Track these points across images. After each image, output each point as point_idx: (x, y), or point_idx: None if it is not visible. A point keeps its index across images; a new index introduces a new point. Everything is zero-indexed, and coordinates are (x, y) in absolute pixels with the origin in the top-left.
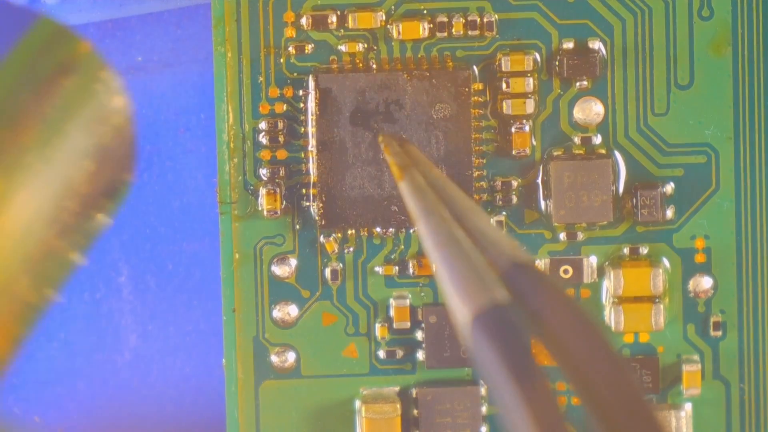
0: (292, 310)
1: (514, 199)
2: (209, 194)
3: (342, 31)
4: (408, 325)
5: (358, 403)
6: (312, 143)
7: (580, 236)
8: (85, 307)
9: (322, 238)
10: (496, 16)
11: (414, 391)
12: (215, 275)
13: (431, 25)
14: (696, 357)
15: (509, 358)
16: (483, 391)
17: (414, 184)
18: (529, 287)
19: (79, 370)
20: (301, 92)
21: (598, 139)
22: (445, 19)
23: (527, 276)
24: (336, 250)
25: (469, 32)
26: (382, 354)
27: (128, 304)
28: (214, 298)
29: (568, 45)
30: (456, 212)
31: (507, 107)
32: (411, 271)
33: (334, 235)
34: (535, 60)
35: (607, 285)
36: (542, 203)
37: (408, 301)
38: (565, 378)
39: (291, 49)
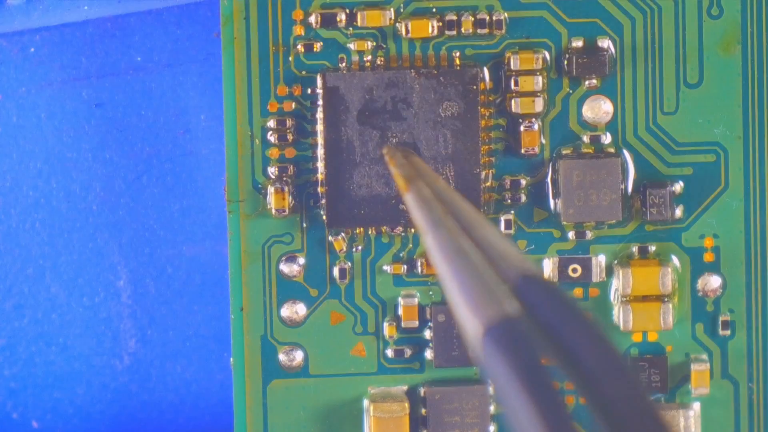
0: (300, 309)
1: (523, 198)
2: (209, 197)
3: (351, 29)
4: (416, 324)
5: (366, 402)
6: (320, 142)
7: (589, 235)
8: (84, 311)
9: (330, 237)
10: (506, 14)
11: (422, 390)
12: (216, 278)
13: (440, 24)
14: (704, 356)
15: (521, 370)
16: (491, 390)
17: (420, 196)
18: (539, 299)
19: (78, 375)
20: (309, 91)
21: (607, 138)
22: (454, 18)
23: (537, 288)
24: (344, 249)
25: (478, 31)
26: (390, 353)
27: (127, 309)
28: (215, 301)
29: (578, 43)
30: (463, 224)
31: (516, 106)
32: (419, 269)
33: (342, 233)
34: (544, 58)
35: (616, 284)
36: (551, 202)
37: (416, 300)
38: (577, 389)
39: (300, 47)
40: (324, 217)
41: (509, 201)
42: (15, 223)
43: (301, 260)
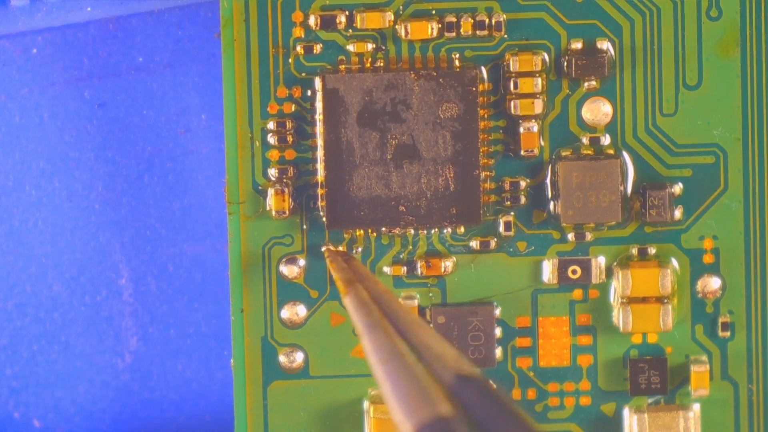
0: (301, 311)
1: (523, 200)
2: (210, 196)
3: (350, 31)
4: None
5: (366, 404)
6: (319, 144)
7: (589, 237)
8: (86, 309)
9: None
10: (505, 16)
11: None
12: (216, 277)
13: (440, 25)
14: (704, 358)
15: None
16: None
17: (358, 299)
18: (474, 398)
19: (80, 374)
20: (309, 92)
21: (606, 140)
22: (454, 20)
23: (472, 387)
24: (344, 250)
25: (478, 32)
26: None
27: (129, 307)
28: (216, 300)
29: (577, 45)
30: (400, 326)
31: (515, 107)
32: (419, 271)
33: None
34: (543, 60)
35: (616, 285)
36: (550, 204)
37: (416, 302)
38: None
39: (299, 49)
40: (324, 219)
41: (509, 203)
42: (17, 222)
43: (302, 262)
